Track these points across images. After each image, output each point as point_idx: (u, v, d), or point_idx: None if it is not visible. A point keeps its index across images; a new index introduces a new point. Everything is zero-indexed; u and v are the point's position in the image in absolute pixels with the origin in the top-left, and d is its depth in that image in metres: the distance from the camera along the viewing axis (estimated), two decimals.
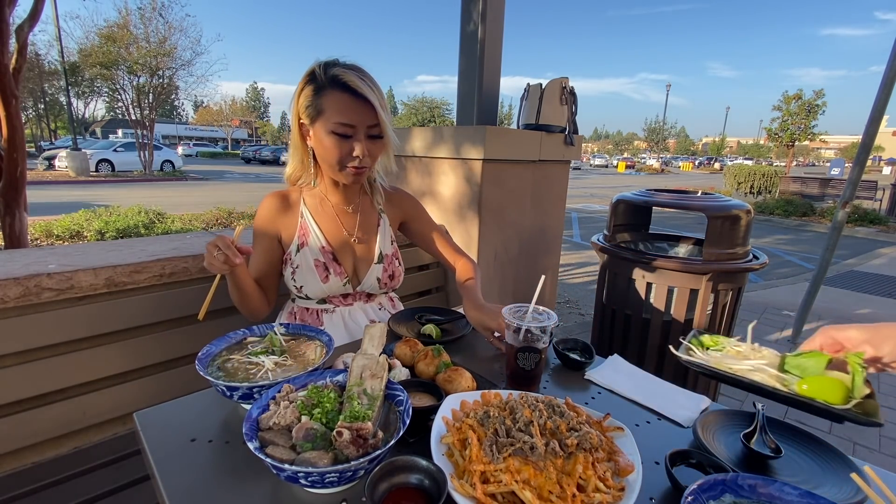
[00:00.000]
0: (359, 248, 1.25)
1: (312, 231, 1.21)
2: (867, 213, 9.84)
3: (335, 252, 1.22)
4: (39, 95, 27.94)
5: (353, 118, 1.04)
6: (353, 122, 1.04)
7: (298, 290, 1.21)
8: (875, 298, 4.61)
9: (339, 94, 1.03)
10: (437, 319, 1.21)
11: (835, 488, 0.67)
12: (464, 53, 2.30)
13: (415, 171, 2.29)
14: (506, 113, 40.60)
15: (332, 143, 1.06)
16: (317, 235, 1.20)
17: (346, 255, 1.24)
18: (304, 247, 1.20)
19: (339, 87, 1.03)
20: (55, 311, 1.13)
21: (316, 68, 1.05)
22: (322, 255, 1.20)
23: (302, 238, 1.20)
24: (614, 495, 0.58)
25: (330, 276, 1.20)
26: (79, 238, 5.45)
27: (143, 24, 16.13)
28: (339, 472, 0.57)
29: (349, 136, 1.06)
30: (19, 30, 3.38)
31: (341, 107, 1.03)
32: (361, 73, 1.04)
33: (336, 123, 1.04)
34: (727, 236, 1.90)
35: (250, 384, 0.75)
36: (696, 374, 2.02)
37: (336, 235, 1.23)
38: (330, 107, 1.04)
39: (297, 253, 1.20)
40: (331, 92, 1.03)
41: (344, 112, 1.03)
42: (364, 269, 1.25)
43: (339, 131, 1.04)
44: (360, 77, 1.03)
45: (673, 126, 74.79)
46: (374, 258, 1.26)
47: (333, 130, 1.04)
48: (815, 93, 18.36)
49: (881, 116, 2.92)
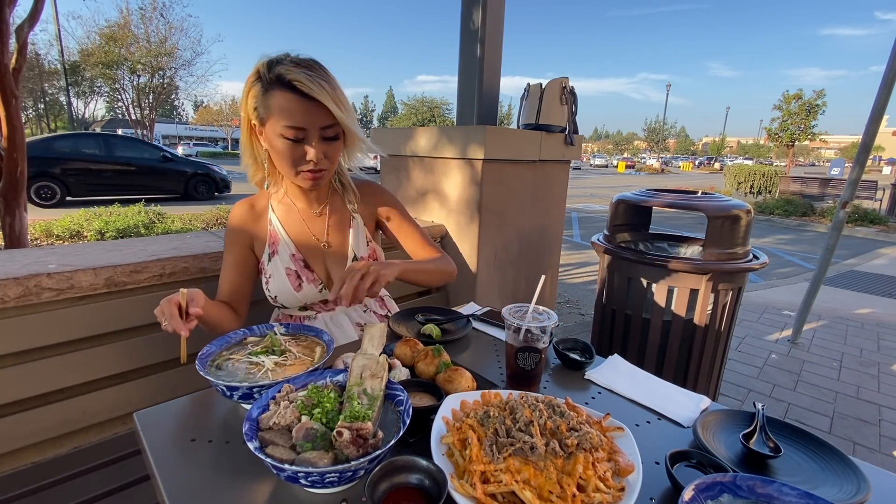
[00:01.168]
0: (331, 252, 1.19)
1: (282, 238, 1.15)
2: (867, 213, 9.84)
3: (306, 259, 1.16)
4: (39, 95, 27.94)
5: (303, 121, 0.95)
6: (302, 124, 0.95)
7: (274, 301, 1.17)
8: (875, 298, 4.61)
9: (286, 94, 0.93)
10: (437, 319, 1.20)
11: (835, 488, 0.67)
12: (464, 53, 2.30)
13: (414, 171, 2.29)
14: (506, 113, 40.59)
15: (282, 147, 0.98)
16: (286, 243, 1.15)
17: (317, 261, 1.17)
18: (275, 255, 1.15)
19: (285, 87, 0.93)
20: (55, 311, 1.13)
21: (260, 66, 0.95)
22: (293, 263, 1.15)
23: (273, 246, 1.15)
24: (614, 495, 0.58)
25: (303, 283, 1.15)
26: (79, 238, 5.44)
27: (144, 23, 16.15)
28: (339, 472, 0.57)
29: (301, 140, 0.98)
30: (19, 30, 3.37)
31: (289, 109, 0.94)
32: (311, 69, 0.94)
33: (285, 127, 0.95)
34: (727, 236, 1.90)
35: (250, 384, 0.75)
36: (697, 374, 2.03)
37: (305, 241, 1.17)
38: (277, 109, 0.94)
39: (269, 262, 1.15)
40: (277, 92, 0.94)
41: (292, 115, 0.94)
42: (338, 273, 1.18)
43: (288, 135, 0.96)
44: (309, 74, 0.92)
45: (673, 126, 74.86)
46: (349, 259, 1.19)
47: (283, 134, 0.96)
48: (816, 93, 18.35)
49: (881, 116, 2.92)
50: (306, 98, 0.93)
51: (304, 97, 0.93)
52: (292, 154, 0.99)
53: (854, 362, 3.11)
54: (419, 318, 1.22)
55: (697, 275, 1.89)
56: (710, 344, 2.00)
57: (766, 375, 2.89)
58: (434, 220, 2.23)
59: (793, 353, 3.22)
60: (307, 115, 0.95)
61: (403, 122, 44.36)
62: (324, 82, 0.94)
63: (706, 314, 1.95)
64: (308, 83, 0.92)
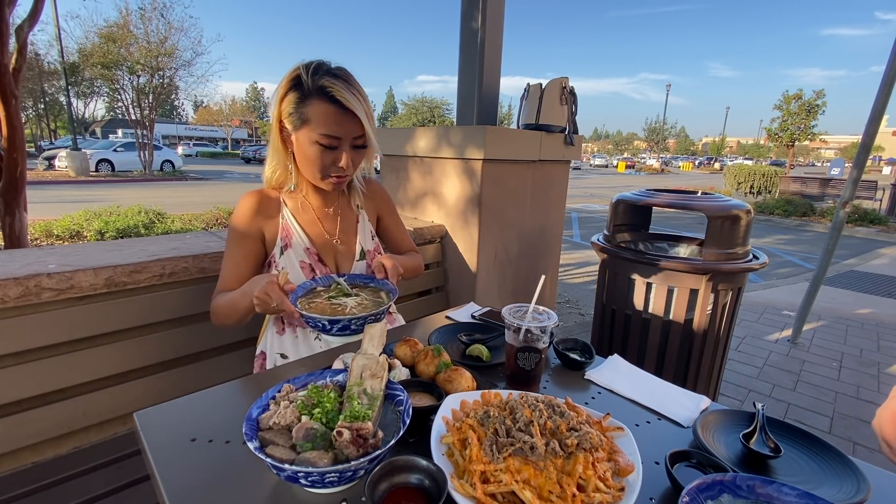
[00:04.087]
0: (341, 248, 1.25)
1: (296, 232, 1.18)
2: (867, 213, 9.84)
3: (319, 253, 1.21)
4: (39, 95, 27.94)
5: (339, 130, 1.02)
6: (339, 134, 1.02)
7: None
8: (875, 298, 4.61)
9: (326, 105, 1.00)
10: (481, 339, 1.10)
11: (834, 488, 0.67)
12: (464, 53, 2.30)
13: (415, 171, 2.29)
14: (506, 113, 40.58)
15: (315, 152, 1.04)
16: (300, 237, 1.18)
17: (328, 256, 1.23)
18: (288, 248, 1.17)
19: (325, 97, 1.00)
20: (55, 311, 1.13)
21: (302, 74, 1.01)
22: (307, 257, 1.18)
23: (285, 239, 1.17)
24: (614, 495, 0.58)
25: (317, 276, 1.18)
26: (79, 238, 5.45)
27: (144, 23, 16.13)
28: (339, 472, 0.57)
29: (334, 148, 1.04)
30: (19, 30, 3.37)
31: (328, 119, 1.01)
32: (349, 83, 1.02)
33: (322, 135, 1.02)
34: (727, 236, 1.90)
35: (349, 317, 0.94)
36: (697, 374, 2.03)
37: (319, 236, 1.21)
38: (316, 118, 1.01)
39: (281, 255, 1.17)
40: (317, 102, 1.00)
41: (331, 125, 1.01)
42: (347, 266, 1.25)
43: (324, 142, 1.03)
44: (349, 88, 1.00)
45: (673, 126, 74.75)
46: (356, 255, 1.25)
47: (318, 141, 1.02)
48: (816, 93, 18.34)
49: (881, 116, 2.92)
50: (344, 109, 1.00)
51: (342, 109, 1.00)
52: (323, 160, 1.06)
53: (854, 362, 3.11)
54: (463, 339, 1.10)
55: (697, 275, 1.89)
56: (709, 344, 2.00)
57: (766, 375, 2.89)
58: (434, 220, 2.23)
59: (793, 353, 3.22)
60: (343, 126, 1.02)
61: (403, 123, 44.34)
62: (359, 95, 1.02)
63: (706, 314, 1.95)
64: (348, 97, 0.99)
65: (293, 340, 1.20)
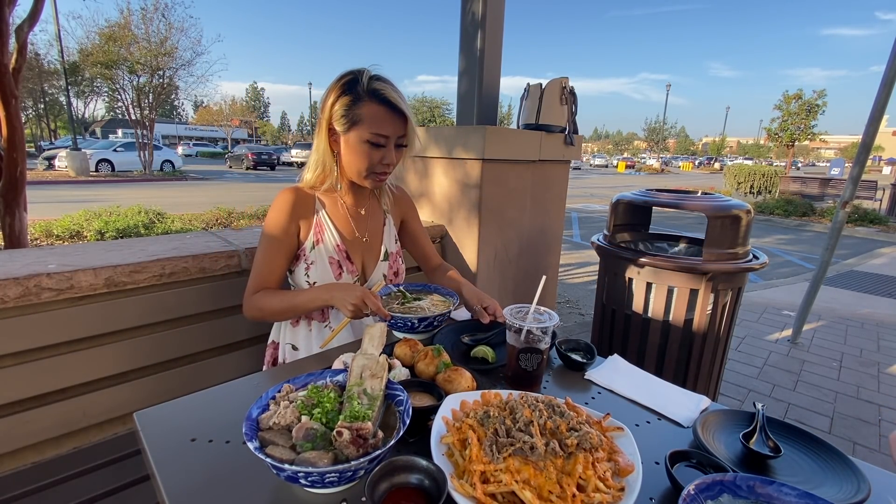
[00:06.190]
0: (367, 247, 1.30)
1: (328, 229, 1.23)
2: (867, 213, 9.84)
3: (348, 250, 1.25)
4: (39, 95, 27.95)
5: (389, 130, 1.11)
6: (388, 133, 1.11)
7: (311, 287, 1.20)
8: (875, 298, 4.61)
9: (378, 106, 1.09)
10: (483, 337, 1.10)
11: (834, 488, 0.67)
12: (464, 53, 2.30)
13: (414, 171, 2.29)
14: (506, 113, 40.56)
15: (365, 151, 1.12)
16: (332, 233, 1.23)
17: (356, 254, 1.27)
18: (319, 244, 1.22)
19: (378, 99, 1.09)
20: (55, 311, 1.13)
21: (358, 78, 1.10)
22: (337, 254, 1.23)
23: (317, 235, 1.22)
24: (614, 495, 0.58)
25: (343, 273, 1.23)
26: (79, 238, 5.44)
27: (144, 23, 16.11)
28: (339, 472, 0.57)
29: (382, 146, 1.12)
30: (19, 30, 3.37)
31: (380, 119, 1.09)
32: (395, 87, 1.12)
33: (373, 134, 1.10)
34: (727, 236, 1.90)
35: (433, 314, 1.08)
36: (697, 374, 2.03)
37: (349, 235, 1.26)
38: (368, 118, 1.09)
39: (311, 249, 1.21)
40: (369, 104, 1.09)
41: (382, 124, 1.10)
42: (371, 266, 1.30)
43: (374, 141, 1.11)
44: (396, 91, 1.11)
45: (673, 126, 74.80)
46: (381, 256, 1.31)
47: (369, 140, 1.10)
48: (816, 93, 18.34)
49: (881, 116, 2.92)
50: (393, 109, 1.10)
51: (393, 110, 1.10)
52: (371, 157, 1.13)
53: (854, 362, 3.11)
54: (466, 340, 1.10)
55: (697, 275, 1.89)
56: (709, 344, 2.00)
57: (766, 375, 2.89)
58: (434, 220, 2.23)
59: (793, 353, 3.22)
60: (392, 125, 1.11)
61: None
62: (403, 98, 1.12)
63: (706, 314, 1.95)
64: (398, 99, 1.10)
65: (306, 333, 1.24)
